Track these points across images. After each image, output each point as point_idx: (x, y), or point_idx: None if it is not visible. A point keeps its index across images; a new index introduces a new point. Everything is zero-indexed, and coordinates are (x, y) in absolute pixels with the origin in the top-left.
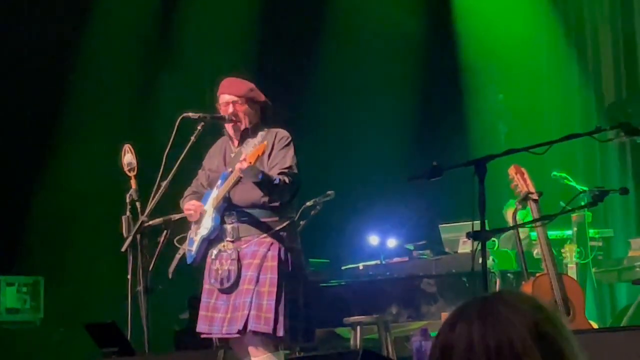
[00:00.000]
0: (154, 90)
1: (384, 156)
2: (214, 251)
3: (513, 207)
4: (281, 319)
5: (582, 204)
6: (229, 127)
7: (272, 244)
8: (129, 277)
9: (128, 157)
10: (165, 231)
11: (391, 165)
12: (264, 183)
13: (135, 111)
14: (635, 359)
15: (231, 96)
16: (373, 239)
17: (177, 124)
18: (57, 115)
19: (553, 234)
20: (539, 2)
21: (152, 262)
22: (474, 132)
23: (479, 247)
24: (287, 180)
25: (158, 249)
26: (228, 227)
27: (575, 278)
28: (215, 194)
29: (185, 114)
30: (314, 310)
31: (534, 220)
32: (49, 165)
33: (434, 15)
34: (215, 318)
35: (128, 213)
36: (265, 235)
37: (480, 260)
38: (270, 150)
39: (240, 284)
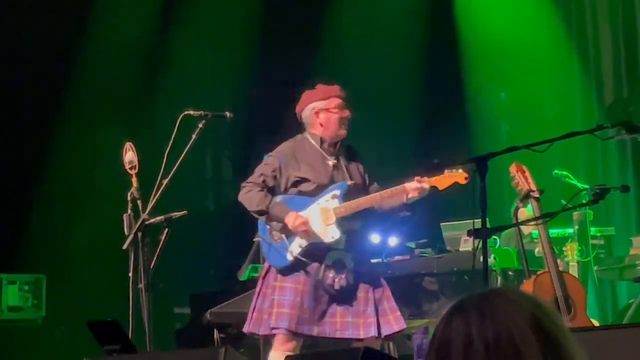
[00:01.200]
0: (155, 89)
1: (386, 154)
2: (328, 259)
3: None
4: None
5: (584, 202)
6: (322, 135)
7: None
8: (130, 274)
9: (129, 155)
10: (166, 229)
11: (393, 163)
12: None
13: (136, 109)
14: (637, 356)
15: (345, 101)
16: (375, 238)
17: (178, 122)
18: (57, 113)
19: (554, 232)
20: (540, 1)
21: (154, 260)
22: (475, 130)
23: (480, 245)
24: None
25: (159, 247)
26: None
27: (577, 276)
28: (336, 205)
29: (186, 112)
30: None
31: (535, 218)
32: (50, 163)
33: (436, 15)
34: (321, 321)
35: (129, 211)
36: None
37: (481, 258)
38: (362, 167)
39: (358, 290)
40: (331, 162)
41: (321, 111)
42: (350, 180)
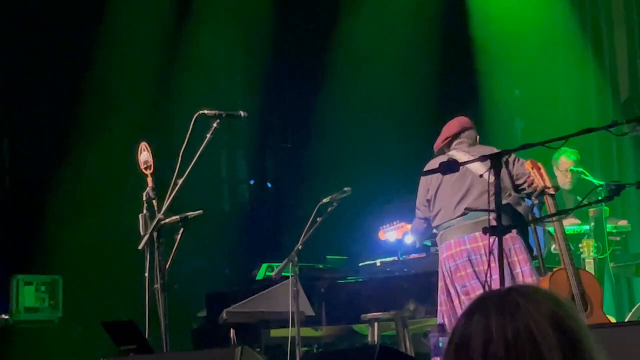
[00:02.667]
0: (170, 88)
1: (400, 152)
2: None
3: (567, 155)
4: None
5: (599, 198)
6: None
7: None
8: (146, 275)
9: (144, 155)
10: (181, 229)
11: (408, 160)
12: None
13: (151, 109)
14: None
15: None
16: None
17: (193, 121)
18: (73, 114)
19: (570, 228)
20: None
21: (169, 260)
22: (490, 127)
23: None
24: (415, 221)
25: (175, 247)
26: None
27: (593, 273)
28: None
29: (201, 112)
30: None
31: (551, 215)
32: (65, 164)
33: (449, 13)
34: None
35: (145, 211)
36: None
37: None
38: None
39: None
40: None
41: None
42: None
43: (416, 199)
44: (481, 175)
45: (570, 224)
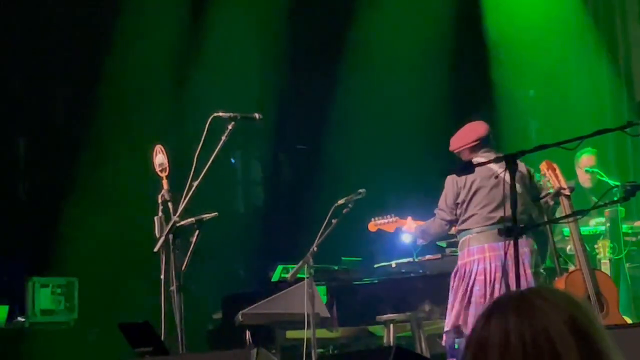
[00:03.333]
0: (185, 91)
1: (415, 153)
2: None
3: (589, 154)
4: None
5: (615, 199)
6: None
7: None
8: (162, 277)
9: (159, 158)
10: (197, 231)
11: (422, 162)
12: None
13: (166, 112)
14: None
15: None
16: (405, 237)
17: (208, 123)
18: (88, 115)
19: (586, 229)
20: None
21: (185, 262)
22: (505, 128)
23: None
24: (433, 221)
25: (190, 249)
26: None
27: (609, 273)
28: None
29: (216, 114)
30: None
31: (566, 216)
32: (80, 166)
33: (464, 14)
34: None
35: (160, 213)
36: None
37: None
38: None
39: None
40: None
41: None
42: None
43: (440, 200)
44: (496, 176)
45: (597, 223)
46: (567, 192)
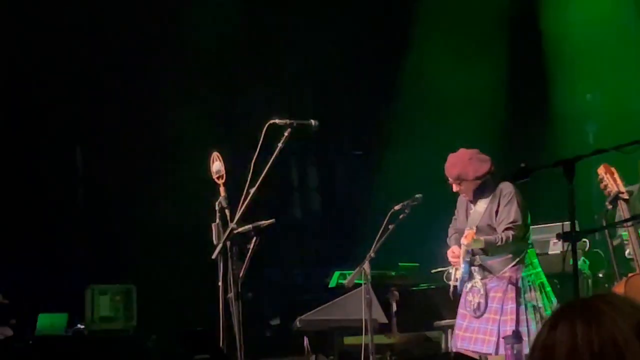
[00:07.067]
0: (241, 98)
1: None
2: (468, 285)
3: None
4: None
5: None
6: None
7: (510, 277)
8: (219, 284)
9: (216, 165)
10: (254, 238)
11: None
12: (488, 248)
13: (222, 119)
14: None
15: (450, 178)
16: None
17: (264, 130)
18: (145, 122)
19: None
20: (626, 1)
21: (243, 269)
22: (562, 132)
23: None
24: (510, 236)
25: (248, 256)
26: (476, 268)
27: None
28: (463, 249)
29: (272, 121)
30: None
31: (625, 220)
32: (137, 174)
33: (520, 16)
34: (466, 337)
35: (217, 220)
36: (504, 271)
37: (571, 262)
38: (497, 207)
39: (487, 312)
40: (472, 210)
41: None
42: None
43: (520, 213)
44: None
45: None
46: (625, 196)
